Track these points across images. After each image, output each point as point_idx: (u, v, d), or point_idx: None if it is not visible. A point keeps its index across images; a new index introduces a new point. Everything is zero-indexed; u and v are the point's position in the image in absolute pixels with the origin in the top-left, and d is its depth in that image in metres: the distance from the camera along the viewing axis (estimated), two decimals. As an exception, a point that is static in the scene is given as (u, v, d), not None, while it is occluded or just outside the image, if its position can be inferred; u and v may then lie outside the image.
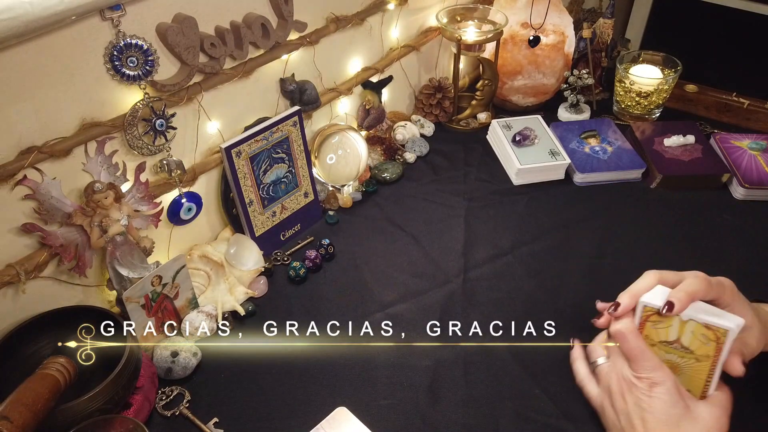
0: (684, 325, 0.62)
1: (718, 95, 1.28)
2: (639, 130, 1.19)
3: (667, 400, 0.61)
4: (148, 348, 0.79)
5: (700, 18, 1.72)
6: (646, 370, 0.62)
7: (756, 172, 1.07)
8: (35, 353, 0.72)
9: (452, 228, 1.02)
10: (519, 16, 1.24)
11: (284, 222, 0.99)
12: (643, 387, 0.62)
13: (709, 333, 0.60)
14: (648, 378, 0.62)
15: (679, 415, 0.60)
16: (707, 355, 0.62)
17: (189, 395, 0.76)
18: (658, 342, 0.65)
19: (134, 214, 0.78)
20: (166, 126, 0.78)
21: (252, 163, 0.91)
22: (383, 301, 0.89)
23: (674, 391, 0.61)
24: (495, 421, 0.73)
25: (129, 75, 0.72)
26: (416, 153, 1.18)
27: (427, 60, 1.27)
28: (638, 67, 1.24)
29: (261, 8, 0.86)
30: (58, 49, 0.66)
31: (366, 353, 0.81)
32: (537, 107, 1.31)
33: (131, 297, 0.75)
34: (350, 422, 0.72)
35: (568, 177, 1.13)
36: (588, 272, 0.93)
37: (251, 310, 0.87)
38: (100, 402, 0.65)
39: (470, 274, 0.93)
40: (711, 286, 0.63)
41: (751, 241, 0.98)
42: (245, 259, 0.91)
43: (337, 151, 1.04)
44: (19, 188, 0.68)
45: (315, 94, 0.98)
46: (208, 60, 0.81)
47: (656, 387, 0.61)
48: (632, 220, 1.03)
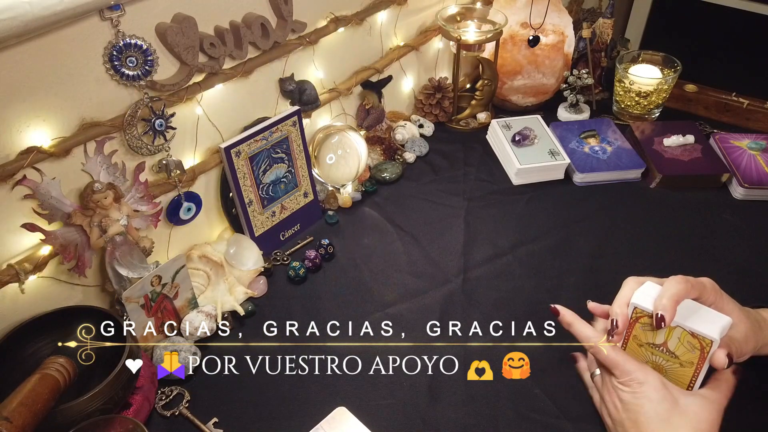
0: (671, 331, 0.62)
1: (717, 95, 1.28)
2: (638, 130, 1.19)
3: (654, 398, 0.61)
4: (147, 348, 0.79)
5: (700, 18, 1.72)
6: (626, 374, 0.63)
7: (755, 171, 1.07)
8: (35, 353, 0.72)
9: (452, 228, 1.02)
10: (518, 15, 1.24)
11: (284, 222, 0.99)
12: (629, 390, 0.62)
13: (694, 341, 0.61)
14: (631, 380, 0.62)
15: (669, 409, 0.60)
16: (691, 362, 0.62)
17: (188, 395, 0.76)
18: (645, 343, 0.65)
19: (134, 214, 0.78)
20: (165, 126, 0.78)
21: (251, 163, 0.91)
22: (383, 301, 0.89)
23: (660, 386, 0.61)
24: (495, 421, 0.73)
25: (128, 75, 0.72)
26: (416, 153, 1.18)
27: (426, 60, 1.27)
28: (638, 67, 1.24)
29: (260, 8, 0.86)
30: (58, 49, 0.66)
31: (366, 353, 0.81)
32: (537, 107, 1.32)
33: (131, 297, 0.75)
34: (350, 422, 0.72)
35: (567, 177, 1.13)
36: (588, 272, 0.93)
37: (251, 310, 0.87)
38: (100, 402, 0.65)
39: (470, 274, 0.93)
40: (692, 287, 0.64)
41: (750, 240, 0.98)
42: (245, 259, 0.91)
43: (337, 151, 1.04)
44: (18, 188, 0.68)
45: (314, 94, 0.98)
46: (207, 60, 0.81)
47: (641, 386, 0.62)
48: (632, 220, 1.03)
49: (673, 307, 0.62)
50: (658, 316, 0.62)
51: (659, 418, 0.60)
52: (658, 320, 0.62)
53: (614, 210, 1.05)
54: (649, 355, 0.65)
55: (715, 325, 0.61)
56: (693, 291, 0.64)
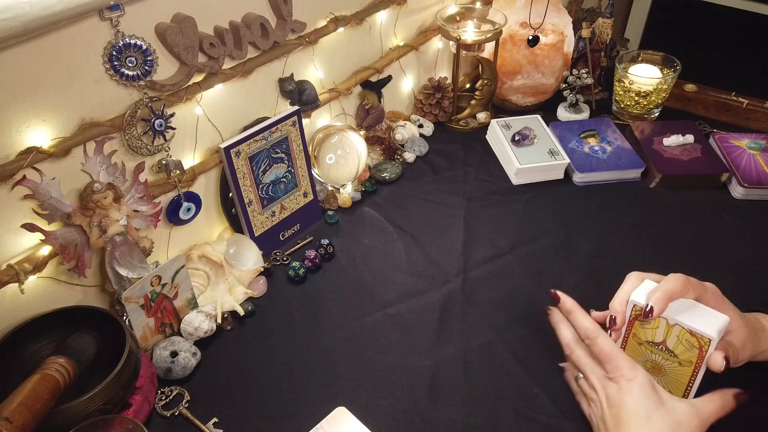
0: (670, 329, 0.62)
1: (717, 95, 1.28)
2: (638, 130, 1.19)
3: (638, 394, 0.61)
4: (147, 348, 0.79)
5: (699, 17, 1.73)
6: (617, 370, 0.63)
7: (755, 171, 1.07)
8: (35, 353, 0.72)
9: (452, 228, 1.02)
10: (518, 15, 1.24)
11: (284, 222, 0.99)
12: (615, 386, 0.62)
13: (693, 340, 0.61)
14: (621, 376, 0.62)
15: (651, 407, 0.60)
16: (690, 360, 0.62)
17: (188, 395, 0.76)
18: (645, 341, 0.65)
19: (133, 214, 0.78)
20: (165, 126, 0.78)
21: (251, 163, 0.91)
22: (383, 301, 0.89)
23: (647, 385, 0.61)
24: (495, 420, 0.73)
25: (128, 75, 0.72)
26: (415, 153, 1.18)
27: (426, 60, 1.27)
28: (637, 67, 1.24)
29: (260, 8, 0.86)
30: (57, 49, 0.66)
31: (366, 353, 0.81)
32: (536, 107, 1.32)
33: (130, 297, 0.75)
34: (350, 422, 0.72)
35: (567, 177, 1.13)
36: (587, 272, 0.93)
37: (251, 310, 0.87)
38: (100, 402, 0.65)
39: (470, 274, 0.93)
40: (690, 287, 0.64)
41: (750, 240, 0.98)
42: (245, 259, 0.91)
43: (337, 151, 1.04)
44: (18, 188, 0.68)
45: (314, 94, 0.98)
46: (207, 60, 0.81)
47: (628, 383, 0.62)
48: (631, 220, 1.03)
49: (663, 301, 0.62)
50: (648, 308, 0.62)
51: (639, 415, 0.60)
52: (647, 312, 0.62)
53: (614, 210, 1.05)
54: (648, 354, 0.66)
55: (713, 324, 0.61)
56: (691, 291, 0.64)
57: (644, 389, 0.61)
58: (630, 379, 0.62)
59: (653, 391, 0.61)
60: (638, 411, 0.60)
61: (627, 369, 0.63)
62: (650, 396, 0.61)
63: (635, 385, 0.61)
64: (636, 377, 0.62)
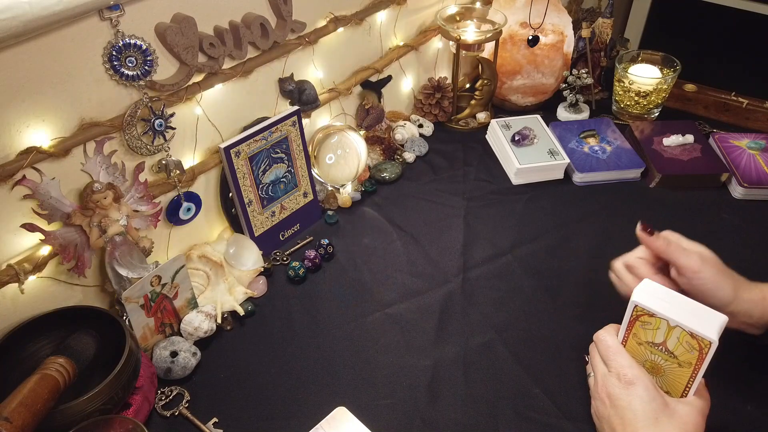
0: (671, 330, 0.62)
1: (717, 95, 1.28)
2: (638, 130, 1.19)
3: (645, 397, 0.61)
4: (147, 348, 0.79)
5: (699, 17, 1.73)
6: (621, 367, 0.64)
7: (755, 171, 1.07)
8: (35, 353, 0.72)
9: (451, 228, 1.02)
10: (518, 15, 1.24)
11: (283, 222, 0.99)
12: (620, 385, 0.63)
13: (693, 342, 0.61)
14: (624, 375, 0.63)
15: (657, 409, 0.61)
16: (689, 362, 0.62)
17: (188, 395, 0.76)
18: (645, 341, 0.65)
19: (133, 214, 0.78)
20: (165, 126, 0.78)
21: (251, 163, 0.91)
22: (383, 300, 0.89)
23: (651, 387, 0.62)
24: (495, 420, 0.73)
25: (128, 75, 0.72)
26: (415, 153, 1.18)
27: (426, 60, 1.27)
28: (637, 67, 1.24)
29: (260, 8, 0.86)
30: (57, 49, 0.66)
31: (366, 353, 0.81)
32: (536, 107, 1.32)
33: (130, 297, 0.75)
34: (350, 422, 0.72)
35: (567, 177, 1.13)
36: (587, 272, 0.93)
37: (251, 310, 0.87)
38: (100, 402, 0.65)
39: (469, 274, 0.93)
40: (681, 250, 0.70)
41: (750, 240, 0.98)
42: (244, 259, 0.91)
43: (337, 151, 1.04)
44: (18, 188, 0.68)
45: (314, 93, 0.98)
46: (207, 60, 0.81)
47: (632, 386, 0.62)
48: (631, 220, 1.02)
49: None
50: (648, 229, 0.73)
51: (647, 417, 0.60)
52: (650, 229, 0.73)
53: (614, 210, 1.05)
54: (648, 354, 0.66)
55: (713, 326, 0.61)
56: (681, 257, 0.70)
57: (650, 392, 0.62)
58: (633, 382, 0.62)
59: (657, 393, 0.62)
60: (646, 413, 0.61)
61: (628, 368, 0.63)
62: (656, 398, 0.61)
63: (641, 387, 0.62)
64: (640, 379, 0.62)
